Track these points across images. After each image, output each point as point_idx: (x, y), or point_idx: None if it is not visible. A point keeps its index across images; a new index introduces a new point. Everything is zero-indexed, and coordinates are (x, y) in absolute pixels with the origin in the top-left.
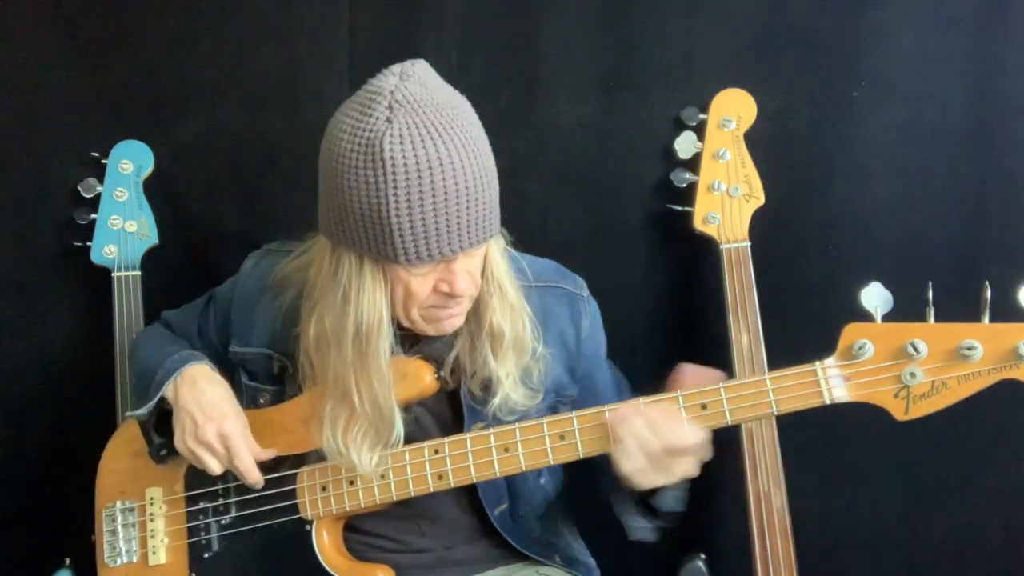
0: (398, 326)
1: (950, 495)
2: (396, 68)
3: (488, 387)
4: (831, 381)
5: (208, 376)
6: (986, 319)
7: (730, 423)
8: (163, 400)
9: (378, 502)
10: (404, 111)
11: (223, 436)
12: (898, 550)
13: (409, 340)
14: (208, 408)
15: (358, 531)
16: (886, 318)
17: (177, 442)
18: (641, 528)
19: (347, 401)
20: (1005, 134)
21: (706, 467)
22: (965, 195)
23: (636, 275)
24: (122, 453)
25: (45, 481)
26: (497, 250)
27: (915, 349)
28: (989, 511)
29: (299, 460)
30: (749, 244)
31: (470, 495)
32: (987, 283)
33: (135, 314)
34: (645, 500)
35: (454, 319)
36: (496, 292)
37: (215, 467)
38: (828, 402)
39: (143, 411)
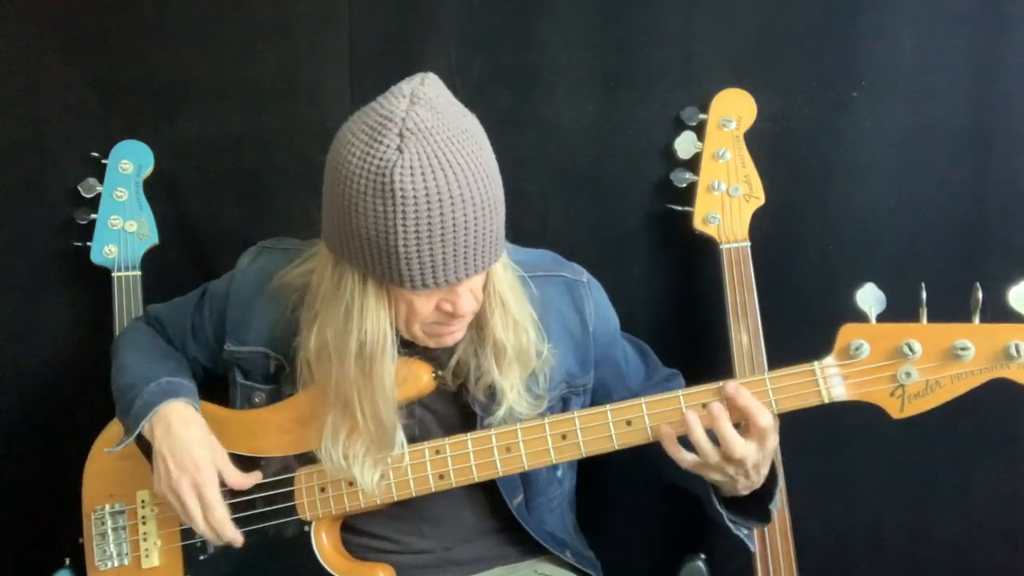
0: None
1: (950, 495)
2: (407, 88)
3: (493, 395)
4: (829, 380)
5: (182, 417)
6: (976, 319)
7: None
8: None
9: (378, 502)
10: (415, 140)
11: (196, 486)
12: (898, 550)
13: (408, 341)
14: (181, 456)
15: (357, 532)
16: (880, 318)
17: (155, 486)
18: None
19: (348, 415)
20: (1005, 134)
21: None
22: (965, 195)
23: (636, 275)
24: (108, 455)
25: (45, 481)
26: (500, 264)
27: (910, 349)
28: (989, 511)
29: (296, 461)
30: (749, 244)
31: (477, 492)
32: (977, 285)
33: (135, 314)
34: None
35: (455, 334)
36: (499, 306)
37: (187, 520)
38: (827, 401)
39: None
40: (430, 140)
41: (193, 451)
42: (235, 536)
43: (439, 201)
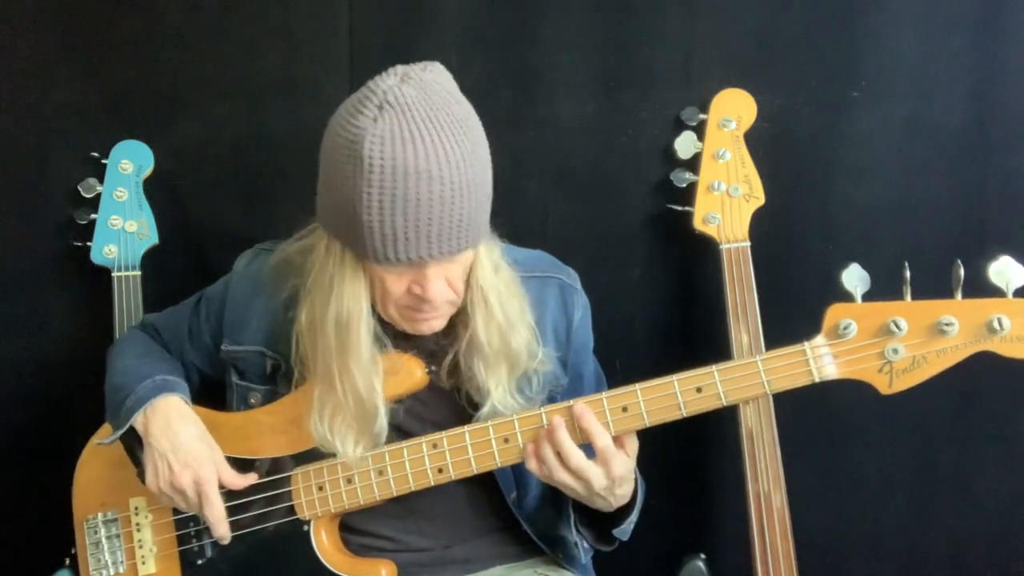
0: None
1: (950, 496)
2: (401, 69)
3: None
4: (819, 360)
5: (180, 413)
6: (959, 296)
7: (725, 404)
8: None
9: (377, 499)
10: (392, 112)
11: (197, 483)
12: (898, 550)
13: (404, 335)
14: (182, 452)
15: (356, 531)
16: (865, 297)
17: (149, 482)
18: (581, 549)
19: (332, 389)
20: (1005, 134)
21: (706, 467)
22: (965, 195)
23: (636, 275)
24: (98, 463)
25: (44, 481)
26: (488, 263)
27: (896, 326)
28: (989, 511)
29: (292, 461)
30: (749, 244)
31: (476, 490)
32: (958, 261)
33: (135, 314)
34: (606, 529)
35: (431, 322)
36: (480, 305)
37: (186, 509)
38: (817, 380)
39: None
40: (407, 114)
41: (194, 447)
42: (225, 533)
43: (404, 174)
